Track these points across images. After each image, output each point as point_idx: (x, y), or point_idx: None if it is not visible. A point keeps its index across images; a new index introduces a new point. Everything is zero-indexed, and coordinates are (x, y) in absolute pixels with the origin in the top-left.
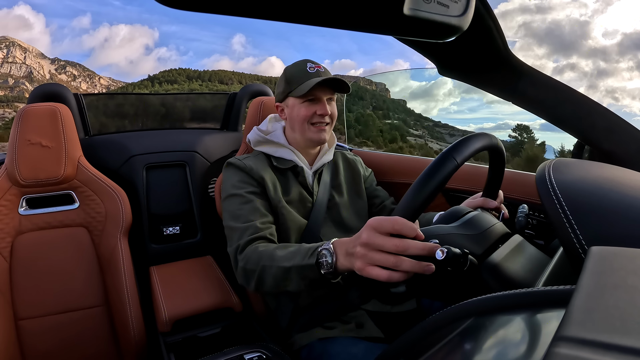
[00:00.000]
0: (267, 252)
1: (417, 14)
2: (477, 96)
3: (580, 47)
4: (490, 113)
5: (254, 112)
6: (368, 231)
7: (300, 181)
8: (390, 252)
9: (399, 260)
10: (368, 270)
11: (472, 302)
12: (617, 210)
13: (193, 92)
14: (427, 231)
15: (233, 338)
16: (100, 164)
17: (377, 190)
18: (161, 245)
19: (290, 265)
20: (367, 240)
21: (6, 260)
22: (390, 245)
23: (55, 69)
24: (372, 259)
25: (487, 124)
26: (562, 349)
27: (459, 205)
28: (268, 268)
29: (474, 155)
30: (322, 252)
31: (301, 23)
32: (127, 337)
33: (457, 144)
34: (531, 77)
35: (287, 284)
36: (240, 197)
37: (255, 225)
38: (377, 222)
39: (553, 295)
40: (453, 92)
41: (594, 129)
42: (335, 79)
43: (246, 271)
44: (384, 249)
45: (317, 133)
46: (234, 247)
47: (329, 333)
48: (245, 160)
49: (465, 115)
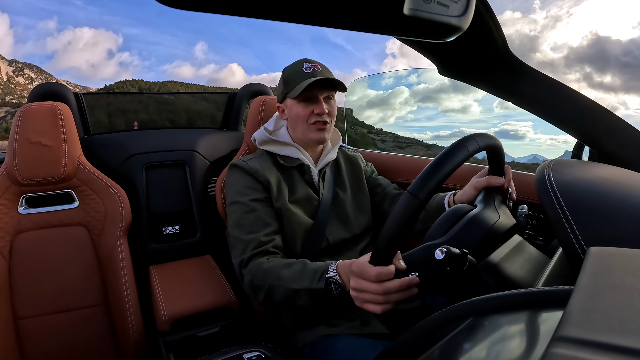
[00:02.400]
0: (273, 270)
1: (417, 14)
2: (432, 105)
3: (530, 60)
4: (447, 121)
5: (256, 112)
6: (353, 277)
7: (306, 180)
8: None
9: (387, 297)
10: (365, 307)
11: (472, 302)
12: (616, 211)
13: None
14: (409, 258)
15: (232, 337)
16: (100, 163)
17: (378, 179)
18: (160, 244)
19: (299, 288)
20: (354, 285)
21: (5, 259)
22: (372, 289)
23: (12, 71)
24: (364, 298)
25: (444, 131)
26: (561, 349)
27: (457, 206)
28: (276, 287)
29: (438, 188)
30: (330, 280)
31: (301, 23)
32: (126, 336)
33: (417, 182)
34: (531, 78)
35: (297, 301)
36: (244, 205)
37: (259, 239)
38: (359, 269)
39: (552, 295)
40: (409, 101)
41: (594, 129)
42: (328, 79)
43: (254, 286)
44: (369, 291)
45: (317, 132)
46: (238, 260)
47: (333, 330)
48: (250, 161)
49: (423, 124)
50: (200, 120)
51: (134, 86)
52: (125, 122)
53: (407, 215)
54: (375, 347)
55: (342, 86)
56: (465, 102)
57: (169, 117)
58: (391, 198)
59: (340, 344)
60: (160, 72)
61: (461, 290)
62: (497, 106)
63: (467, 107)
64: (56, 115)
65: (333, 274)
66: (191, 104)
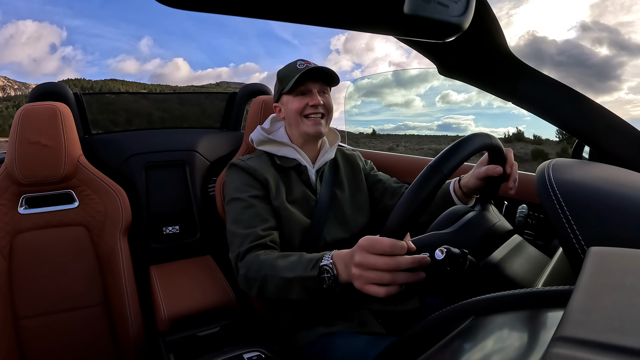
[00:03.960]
0: (268, 261)
1: (417, 14)
2: (376, 99)
3: None
4: (392, 115)
5: (255, 112)
6: (360, 252)
7: (303, 180)
8: (384, 270)
9: (394, 276)
10: (367, 289)
11: (472, 301)
12: (616, 211)
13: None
14: (418, 242)
15: (232, 337)
16: (100, 163)
17: (377, 175)
18: (161, 244)
19: (292, 277)
20: (361, 261)
21: (6, 259)
22: (382, 264)
23: None
24: (368, 277)
25: (388, 125)
26: (561, 349)
27: (456, 206)
28: (270, 278)
29: (461, 165)
30: (324, 267)
31: (301, 23)
32: (126, 336)
33: (443, 156)
34: (532, 78)
35: (289, 294)
36: (243, 201)
37: (257, 233)
38: (368, 242)
39: (552, 295)
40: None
41: (594, 129)
42: (319, 68)
43: (248, 279)
44: (376, 268)
45: (313, 126)
46: (235, 253)
47: (332, 329)
48: (249, 161)
49: (368, 118)
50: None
51: (76, 85)
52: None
53: (428, 187)
54: (373, 344)
55: (336, 79)
56: (408, 97)
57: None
58: (392, 191)
59: (339, 341)
60: (104, 66)
61: (460, 290)
62: (439, 100)
63: (410, 102)
64: (56, 115)
65: (327, 262)
66: (131, 103)
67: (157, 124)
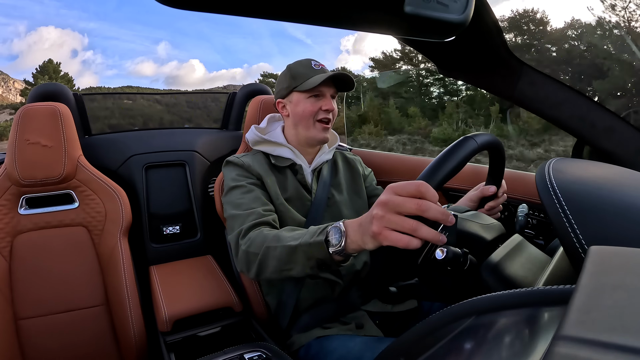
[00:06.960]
0: (272, 233)
1: (417, 13)
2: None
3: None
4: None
5: (254, 111)
6: (388, 192)
7: (298, 179)
8: (407, 216)
9: (418, 225)
10: (385, 234)
11: (473, 301)
12: (617, 210)
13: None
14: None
15: (233, 337)
16: (100, 164)
17: (377, 189)
18: (161, 244)
19: (296, 244)
20: (387, 199)
21: (6, 259)
22: (411, 204)
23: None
24: (390, 220)
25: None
26: (562, 348)
27: (456, 206)
28: (272, 249)
29: (488, 147)
30: (332, 230)
31: (302, 22)
32: (127, 336)
33: (479, 133)
34: (531, 77)
35: (291, 267)
36: (242, 187)
37: (259, 212)
38: (399, 184)
39: (553, 294)
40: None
41: (594, 129)
42: (344, 74)
43: (248, 254)
44: (403, 209)
45: (322, 132)
46: (236, 232)
47: (328, 332)
48: (244, 157)
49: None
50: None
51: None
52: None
53: (463, 151)
54: (369, 346)
55: (352, 85)
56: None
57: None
58: None
59: (335, 343)
60: (123, 69)
61: (457, 295)
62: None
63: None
64: (56, 116)
65: (337, 224)
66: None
67: (168, 126)
